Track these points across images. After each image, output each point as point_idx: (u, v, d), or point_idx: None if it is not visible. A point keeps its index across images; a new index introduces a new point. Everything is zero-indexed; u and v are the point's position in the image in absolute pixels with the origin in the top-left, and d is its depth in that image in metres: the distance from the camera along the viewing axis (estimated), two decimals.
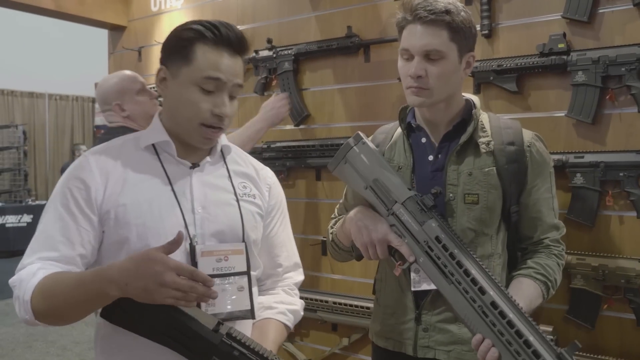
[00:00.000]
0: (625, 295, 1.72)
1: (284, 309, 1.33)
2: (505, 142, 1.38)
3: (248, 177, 1.33)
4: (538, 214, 1.39)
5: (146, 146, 1.24)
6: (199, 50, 1.16)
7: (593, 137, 1.83)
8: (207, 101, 1.17)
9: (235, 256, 1.21)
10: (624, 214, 1.77)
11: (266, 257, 1.36)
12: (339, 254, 1.54)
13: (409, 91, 1.36)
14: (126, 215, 1.16)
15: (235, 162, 1.34)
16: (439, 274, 1.23)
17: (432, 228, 1.25)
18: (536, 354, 1.10)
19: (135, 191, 1.18)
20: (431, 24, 1.30)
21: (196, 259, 1.16)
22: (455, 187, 1.36)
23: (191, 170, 1.24)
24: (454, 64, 1.34)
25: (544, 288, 1.34)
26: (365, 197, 1.36)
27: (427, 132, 1.43)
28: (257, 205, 1.31)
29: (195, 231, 1.19)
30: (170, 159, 1.23)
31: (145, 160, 1.22)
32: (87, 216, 1.16)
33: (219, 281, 1.17)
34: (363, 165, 1.35)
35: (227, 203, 1.25)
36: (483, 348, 1.15)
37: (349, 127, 2.36)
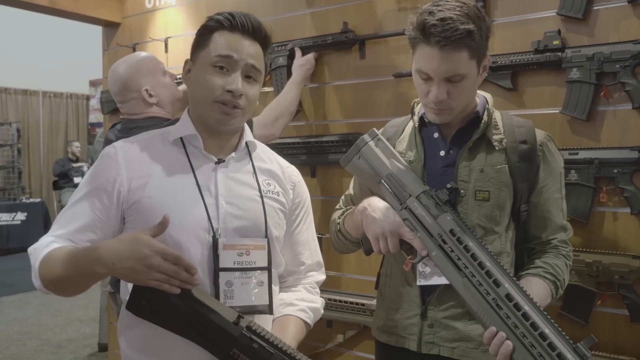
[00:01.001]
0: (619, 291, 1.72)
1: (305, 306, 1.34)
2: (518, 140, 1.38)
3: (273, 174, 1.35)
4: (547, 213, 1.39)
5: (174, 140, 1.27)
6: (215, 36, 1.22)
7: (587, 134, 1.84)
8: (221, 79, 1.20)
9: (257, 251, 1.23)
10: (618, 210, 1.78)
11: (289, 255, 1.38)
12: (344, 244, 1.54)
13: (429, 110, 1.35)
14: (151, 207, 1.18)
15: (261, 159, 1.36)
16: (451, 267, 1.23)
17: (446, 221, 1.26)
18: (552, 347, 1.10)
19: (160, 184, 1.20)
20: (451, 49, 1.23)
21: (218, 252, 1.18)
22: (467, 183, 1.36)
23: (217, 165, 1.26)
24: (474, 78, 1.32)
25: (553, 287, 1.33)
26: (378, 192, 1.37)
27: (439, 127, 1.42)
28: (281, 203, 1.33)
29: (218, 225, 1.20)
30: (197, 153, 1.26)
31: (172, 154, 1.25)
32: (106, 207, 1.20)
33: (240, 274, 1.19)
34: (377, 160, 1.36)
35: (251, 199, 1.27)
36: (496, 341, 1.14)
37: (344, 124, 2.36)
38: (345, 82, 2.36)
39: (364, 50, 2.30)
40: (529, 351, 1.11)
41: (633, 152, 1.73)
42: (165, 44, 3.00)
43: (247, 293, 1.19)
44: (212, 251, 1.18)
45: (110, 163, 1.22)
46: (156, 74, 2.07)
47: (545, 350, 1.10)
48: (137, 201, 1.20)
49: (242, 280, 1.19)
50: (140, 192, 1.20)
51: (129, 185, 1.20)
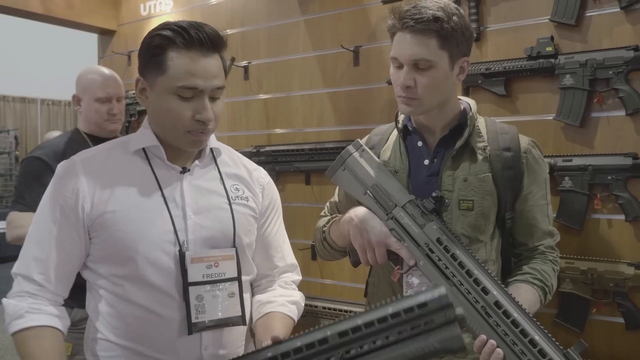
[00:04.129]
0: (614, 299, 1.71)
1: (284, 300, 1.31)
2: (502, 148, 1.37)
3: (240, 179, 1.31)
4: (533, 220, 1.38)
5: (135, 150, 1.21)
6: (170, 58, 1.11)
7: (581, 141, 1.83)
8: (188, 108, 1.12)
9: (226, 262, 1.19)
10: (612, 217, 1.77)
11: (261, 258, 1.34)
12: (329, 253, 1.52)
13: (399, 100, 1.34)
14: (115, 222, 1.13)
15: (227, 164, 1.31)
16: (439, 276, 1.22)
17: (433, 230, 1.25)
18: (542, 353, 1.09)
19: (123, 197, 1.15)
20: (419, 33, 1.26)
21: (186, 266, 1.14)
22: (450, 192, 1.34)
23: (181, 175, 1.21)
24: (445, 71, 1.30)
25: (542, 293, 1.32)
26: (364, 202, 1.35)
27: (423, 135, 1.42)
28: (251, 208, 1.29)
29: (185, 237, 1.16)
30: (160, 163, 1.20)
31: (135, 165, 1.19)
32: (74, 226, 1.14)
33: (210, 287, 1.16)
34: (362, 171, 1.35)
35: (219, 207, 1.22)
36: (487, 349, 1.13)
37: (339, 131, 2.35)
38: (339, 89, 2.36)
39: (357, 57, 2.29)
40: (519, 358, 1.10)
41: (627, 158, 1.72)
42: None
43: (218, 306, 1.16)
44: (180, 265, 1.14)
45: (71, 180, 1.15)
46: (89, 93, 2.10)
47: (535, 357, 1.09)
48: (101, 215, 1.14)
49: (213, 293, 1.16)
50: (104, 206, 1.14)
51: (92, 200, 1.14)
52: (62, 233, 1.14)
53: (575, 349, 1.09)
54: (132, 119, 3.11)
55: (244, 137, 2.60)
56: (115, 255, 1.14)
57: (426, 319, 0.99)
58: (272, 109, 2.56)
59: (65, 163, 1.19)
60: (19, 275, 1.15)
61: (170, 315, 1.13)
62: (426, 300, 0.99)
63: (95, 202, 1.14)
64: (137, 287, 1.13)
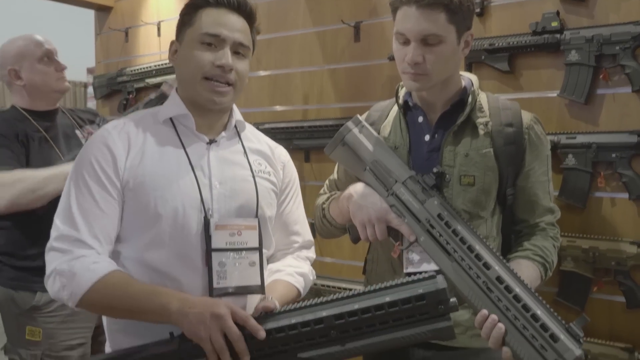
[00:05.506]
0: (616, 278, 1.70)
1: (292, 271, 1.33)
2: (504, 123, 1.35)
3: (263, 154, 1.33)
4: (534, 197, 1.37)
5: (164, 120, 1.24)
6: (200, 14, 1.21)
7: (586, 118, 1.80)
8: (209, 55, 1.19)
9: (249, 231, 1.22)
10: (615, 196, 1.75)
11: (279, 235, 1.36)
12: (329, 230, 1.52)
13: (406, 76, 1.32)
14: (143, 187, 1.16)
15: (250, 139, 1.34)
16: (440, 252, 1.21)
17: (434, 206, 1.23)
18: (544, 328, 1.08)
19: (152, 164, 1.18)
20: (427, 7, 1.23)
21: (210, 232, 1.17)
22: (452, 168, 1.33)
23: (209, 145, 1.24)
24: (453, 46, 1.28)
25: (542, 269, 1.31)
26: (363, 179, 1.34)
27: (423, 111, 1.39)
28: (272, 182, 1.31)
29: (211, 205, 1.19)
30: (188, 133, 1.24)
31: (164, 134, 1.23)
32: (114, 185, 1.17)
33: (232, 255, 1.18)
34: (362, 147, 1.33)
35: (244, 179, 1.25)
36: (488, 324, 1.12)
37: (339, 108, 2.32)
38: (339, 66, 2.32)
39: (358, 32, 2.25)
40: (521, 333, 1.09)
41: (632, 136, 1.69)
42: (157, 28, 2.96)
43: (239, 273, 1.18)
44: (204, 231, 1.17)
45: (108, 141, 1.19)
46: (28, 59, 1.97)
47: (537, 332, 1.08)
48: (132, 179, 1.17)
49: (235, 261, 1.18)
50: (134, 170, 1.17)
51: (125, 162, 1.17)
52: (104, 195, 1.16)
53: (577, 323, 1.08)
54: (130, 96, 3.07)
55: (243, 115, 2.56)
56: (140, 220, 1.16)
57: (422, 310, 1.02)
58: (271, 86, 2.53)
59: (99, 131, 1.23)
60: (67, 241, 1.13)
61: (192, 282, 1.16)
62: (424, 292, 1.02)
63: (128, 166, 1.17)
64: (160, 253, 1.16)
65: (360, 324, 1.02)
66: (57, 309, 1.93)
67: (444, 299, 1.02)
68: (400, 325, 1.02)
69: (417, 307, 1.01)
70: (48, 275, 1.13)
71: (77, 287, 1.09)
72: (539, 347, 1.08)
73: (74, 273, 1.10)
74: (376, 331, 1.02)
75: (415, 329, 1.02)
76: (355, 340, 1.03)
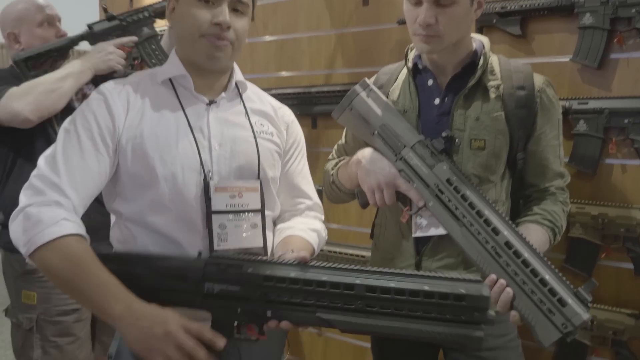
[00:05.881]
0: (624, 245, 1.69)
1: (304, 227, 1.31)
2: (516, 86, 1.33)
3: (265, 115, 1.31)
4: (545, 161, 1.35)
5: (163, 81, 1.22)
6: None
7: (599, 83, 1.77)
8: (207, 12, 1.15)
9: (250, 193, 1.21)
10: (627, 162, 1.73)
11: (285, 195, 1.35)
12: (338, 196, 1.52)
13: (417, 38, 1.29)
14: (143, 147, 1.15)
15: (252, 100, 1.31)
16: (449, 217, 1.21)
17: (442, 171, 1.23)
18: (553, 292, 1.09)
19: (152, 125, 1.17)
20: None
21: (210, 195, 1.16)
22: (462, 132, 1.31)
23: (208, 106, 1.22)
24: (466, 6, 1.26)
25: (551, 234, 1.31)
26: (372, 143, 1.33)
27: (433, 74, 1.37)
28: (275, 143, 1.29)
29: (210, 167, 1.18)
30: (187, 94, 1.22)
31: (163, 95, 1.21)
32: (106, 144, 1.14)
33: (233, 217, 1.17)
34: (370, 111, 1.31)
35: (244, 140, 1.23)
36: (496, 289, 1.13)
37: (347, 74, 2.29)
38: (347, 30, 2.28)
39: None
40: (529, 297, 1.10)
41: None
42: None
43: (240, 236, 1.17)
44: (204, 194, 1.16)
45: (108, 100, 1.17)
46: (27, 23, 1.95)
47: (545, 296, 1.09)
48: (131, 139, 1.15)
49: (236, 223, 1.17)
50: (134, 131, 1.16)
51: (124, 122, 1.16)
52: (92, 150, 1.13)
53: (586, 287, 1.08)
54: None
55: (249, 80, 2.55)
56: (139, 181, 1.15)
57: (457, 311, 0.96)
58: (278, 51, 2.49)
59: (98, 89, 1.20)
60: (46, 182, 1.08)
61: (193, 244, 1.15)
62: (466, 293, 0.95)
63: (127, 126, 1.16)
64: (160, 215, 1.15)
65: (390, 304, 0.97)
66: None
67: (483, 307, 0.95)
68: (429, 319, 0.96)
69: (453, 306, 0.95)
70: (15, 213, 1.08)
71: (38, 235, 1.03)
72: (547, 311, 1.08)
73: (40, 220, 1.04)
74: (402, 317, 0.97)
75: (443, 328, 0.96)
76: (378, 318, 0.98)
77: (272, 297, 1.02)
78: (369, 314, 0.98)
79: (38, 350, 1.96)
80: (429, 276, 0.99)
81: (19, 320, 1.97)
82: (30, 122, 1.79)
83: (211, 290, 1.04)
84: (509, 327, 1.38)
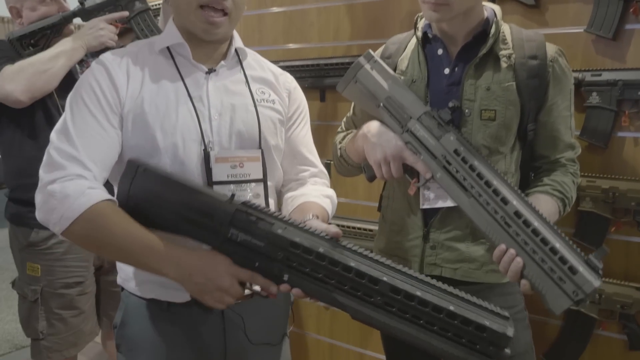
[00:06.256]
0: (635, 218, 1.67)
1: (318, 194, 1.30)
2: (527, 56, 1.30)
3: (266, 82, 1.30)
4: (556, 132, 1.34)
5: (161, 50, 1.21)
6: None
7: (613, 54, 1.73)
8: None
9: (251, 163, 1.20)
10: (639, 135, 1.70)
11: (289, 163, 1.34)
12: (346, 169, 1.51)
13: (426, 6, 1.27)
14: (143, 118, 1.14)
15: (252, 67, 1.30)
16: (457, 188, 1.20)
17: (450, 141, 1.22)
18: (563, 260, 1.08)
19: (152, 96, 1.15)
20: None
21: (210, 165, 1.15)
22: (472, 102, 1.30)
23: (207, 75, 1.21)
24: None
25: (561, 204, 1.31)
26: (378, 116, 1.31)
27: (444, 43, 1.35)
28: (277, 111, 1.28)
29: (210, 137, 1.17)
30: (185, 63, 1.20)
31: (161, 65, 1.19)
32: (114, 113, 1.13)
33: (234, 187, 1.17)
34: (375, 83, 1.30)
35: (245, 109, 1.22)
36: (506, 259, 1.13)
37: (356, 46, 2.25)
38: (356, 1, 2.24)
39: None
40: (539, 266, 1.10)
41: None
42: None
43: None
44: (205, 164, 1.15)
45: (109, 69, 1.15)
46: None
47: (556, 264, 1.09)
48: (132, 110, 1.14)
49: (238, 193, 1.16)
50: (135, 101, 1.15)
51: (126, 91, 1.15)
52: (103, 120, 1.12)
53: (597, 255, 1.08)
54: None
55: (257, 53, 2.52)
56: (141, 152, 1.14)
57: (474, 339, 0.95)
58: (285, 22, 2.45)
59: (97, 60, 1.18)
60: (64, 156, 1.07)
61: None
62: (489, 327, 0.94)
63: (129, 96, 1.14)
64: None
65: (409, 310, 0.97)
66: (52, 247, 1.96)
67: (502, 345, 0.95)
68: (443, 337, 0.96)
69: (472, 333, 0.95)
70: (39, 191, 1.06)
71: (68, 210, 1.02)
72: (558, 280, 1.08)
73: (67, 194, 1.02)
74: (418, 326, 0.97)
75: (455, 350, 0.96)
76: (393, 318, 0.97)
77: (293, 264, 1.01)
78: (385, 311, 0.97)
79: (43, 322, 1.99)
80: (459, 296, 0.98)
81: (24, 292, 2.01)
82: (22, 103, 1.81)
83: (235, 237, 1.03)
84: (517, 299, 1.38)
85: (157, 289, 1.17)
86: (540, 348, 1.71)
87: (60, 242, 1.97)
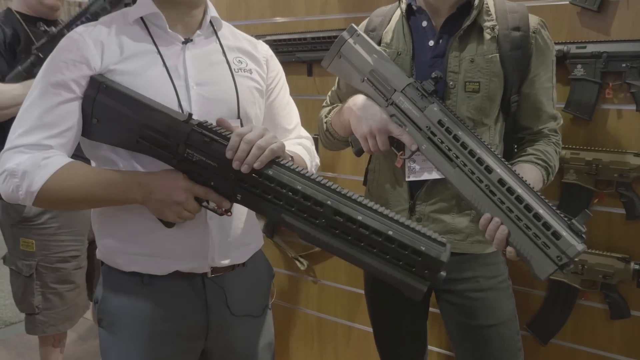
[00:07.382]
0: (617, 190, 1.70)
1: (294, 141, 1.34)
2: (511, 27, 1.31)
3: (243, 51, 1.29)
4: (539, 104, 1.35)
5: (135, 20, 1.18)
6: None
7: (598, 26, 1.73)
8: None
9: None
10: (623, 108, 1.71)
11: (271, 127, 1.33)
12: (333, 143, 1.52)
13: None
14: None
15: (227, 37, 1.29)
16: (442, 158, 1.22)
17: (433, 112, 1.22)
18: (547, 226, 1.10)
19: (127, 67, 1.14)
20: None
21: None
22: (456, 74, 1.30)
23: (184, 45, 1.19)
24: None
25: (545, 173, 1.33)
26: (362, 90, 1.32)
27: (428, 15, 1.34)
28: (255, 80, 1.27)
29: (189, 108, 1.15)
30: (161, 33, 1.18)
31: (136, 35, 1.17)
32: (82, 88, 1.12)
33: None
34: (359, 57, 1.30)
35: (222, 79, 1.21)
36: (492, 227, 1.15)
37: (343, 19, 2.24)
38: None
39: None
40: (524, 232, 1.12)
41: None
42: None
43: None
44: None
45: (79, 45, 1.12)
46: None
47: (540, 230, 1.11)
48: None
49: None
50: (111, 71, 1.13)
51: (100, 64, 1.13)
52: (70, 98, 1.11)
53: (580, 219, 1.10)
54: None
55: (244, 27, 2.48)
56: None
57: (410, 262, 1.00)
58: None
59: (69, 35, 1.16)
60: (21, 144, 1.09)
61: None
62: (424, 251, 0.99)
63: (104, 66, 1.13)
64: (140, 160, 1.14)
65: (351, 232, 1.02)
66: (46, 222, 1.97)
67: (436, 269, 1.00)
68: (382, 258, 1.02)
69: (408, 256, 1.00)
70: None
71: (30, 185, 1.07)
72: (542, 245, 1.10)
73: (25, 171, 1.07)
74: (358, 247, 1.02)
75: (392, 270, 1.02)
76: (336, 239, 1.03)
77: (246, 185, 1.06)
78: (330, 233, 1.03)
79: (39, 297, 2.00)
80: (399, 222, 1.02)
81: (18, 268, 2.01)
82: None
83: (191, 157, 1.08)
84: (500, 268, 1.40)
85: (138, 261, 1.18)
86: (523, 319, 1.75)
87: (55, 216, 1.97)
